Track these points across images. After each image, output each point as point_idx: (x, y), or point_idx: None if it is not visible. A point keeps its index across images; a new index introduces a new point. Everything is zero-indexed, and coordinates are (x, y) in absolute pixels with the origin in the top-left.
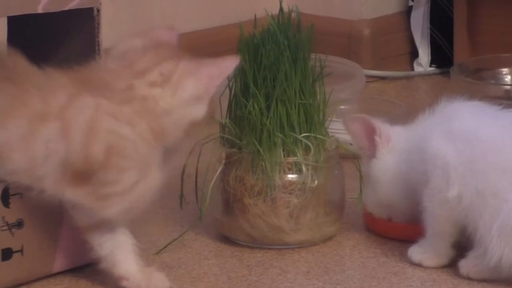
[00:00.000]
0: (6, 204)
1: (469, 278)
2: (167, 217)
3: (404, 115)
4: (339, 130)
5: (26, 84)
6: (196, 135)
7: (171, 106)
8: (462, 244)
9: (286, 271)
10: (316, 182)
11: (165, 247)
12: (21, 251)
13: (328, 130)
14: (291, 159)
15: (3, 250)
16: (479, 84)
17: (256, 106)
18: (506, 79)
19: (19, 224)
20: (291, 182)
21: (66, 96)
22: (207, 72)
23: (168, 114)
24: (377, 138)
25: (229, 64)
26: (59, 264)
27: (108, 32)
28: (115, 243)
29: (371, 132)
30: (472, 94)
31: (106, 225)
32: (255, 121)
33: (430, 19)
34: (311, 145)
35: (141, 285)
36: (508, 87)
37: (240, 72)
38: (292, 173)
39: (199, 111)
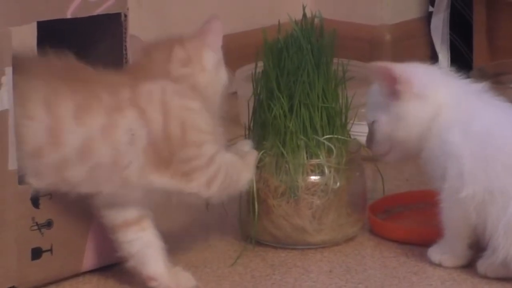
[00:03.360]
0: (36, 205)
1: (486, 277)
2: (192, 218)
3: None
4: (361, 132)
5: (92, 82)
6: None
7: (208, 78)
8: (480, 245)
9: (309, 271)
10: (338, 183)
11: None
12: (50, 250)
13: (350, 132)
14: (314, 161)
15: (33, 250)
16: (498, 88)
17: (280, 109)
18: None
19: (49, 224)
20: (313, 184)
21: (128, 89)
22: (210, 39)
23: (209, 87)
24: (398, 87)
25: (218, 24)
26: (87, 263)
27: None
28: (145, 242)
29: (392, 81)
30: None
31: (137, 222)
32: (279, 124)
33: (450, 24)
34: (333, 147)
35: (170, 286)
36: None
37: (264, 76)
38: (315, 175)
39: (224, 72)
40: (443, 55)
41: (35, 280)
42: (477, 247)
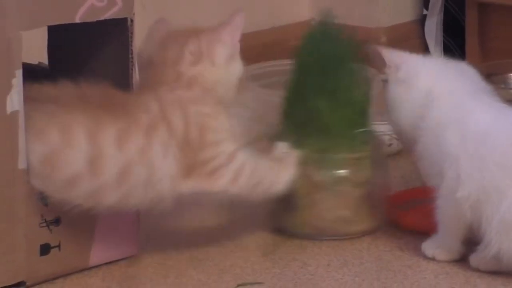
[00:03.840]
0: (45, 202)
1: (479, 270)
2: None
3: None
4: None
5: (129, 105)
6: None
7: (217, 74)
8: (473, 240)
9: (308, 264)
10: (373, 175)
11: None
12: (58, 246)
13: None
14: (354, 154)
15: (41, 246)
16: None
17: (322, 106)
18: None
19: (57, 221)
20: (355, 176)
21: (155, 103)
22: (226, 33)
23: (219, 82)
24: (387, 70)
25: (239, 19)
26: (94, 258)
27: (141, 40)
28: None
29: (384, 64)
30: None
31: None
32: (321, 121)
33: (443, 27)
34: (369, 141)
35: None
36: None
37: (300, 75)
38: (355, 168)
39: (238, 66)
40: (437, 56)
41: (44, 275)
42: (470, 242)
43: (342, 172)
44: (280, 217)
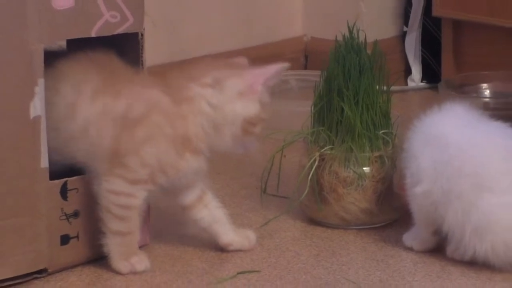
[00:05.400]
0: (65, 197)
1: (454, 260)
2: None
3: None
4: None
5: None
6: (259, 134)
7: (219, 101)
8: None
9: (300, 254)
10: (394, 171)
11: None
12: (77, 237)
13: None
14: (377, 153)
15: (62, 236)
16: (462, 97)
17: (349, 109)
18: (485, 93)
19: (75, 214)
20: (378, 172)
21: (140, 89)
22: (250, 73)
23: (218, 109)
24: None
25: (274, 68)
26: None
27: (150, 52)
28: (211, 217)
29: None
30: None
31: (199, 201)
32: (348, 123)
33: (422, 42)
34: (390, 140)
35: (245, 244)
36: (487, 99)
37: (329, 82)
38: (378, 165)
39: (250, 108)
40: (416, 69)
41: (64, 262)
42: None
43: (365, 169)
44: (312, 209)
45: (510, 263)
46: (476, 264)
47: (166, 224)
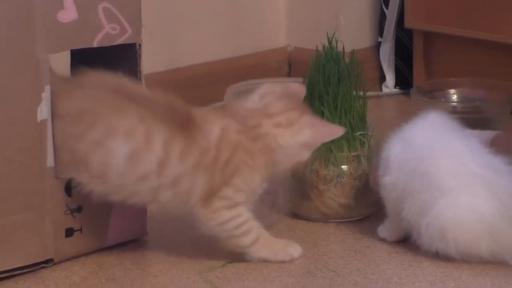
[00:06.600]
0: (69, 194)
1: (424, 250)
2: None
3: None
4: None
5: (196, 122)
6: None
7: (287, 144)
8: None
9: None
10: (369, 169)
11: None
12: (80, 230)
13: None
14: (354, 153)
15: (66, 229)
16: (432, 102)
17: (328, 113)
18: (453, 98)
19: (79, 209)
20: (355, 170)
21: (218, 131)
22: (321, 129)
23: (283, 150)
24: None
25: (335, 130)
26: (110, 239)
27: (147, 61)
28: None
29: None
30: (427, 110)
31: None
32: None
33: (395, 51)
34: (366, 141)
35: (285, 259)
36: (454, 103)
37: (312, 87)
38: (355, 164)
39: (305, 155)
40: (390, 76)
41: (68, 253)
42: None
43: (343, 167)
44: (296, 205)
45: (465, 256)
46: (445, 255)
47: (163, 217)
